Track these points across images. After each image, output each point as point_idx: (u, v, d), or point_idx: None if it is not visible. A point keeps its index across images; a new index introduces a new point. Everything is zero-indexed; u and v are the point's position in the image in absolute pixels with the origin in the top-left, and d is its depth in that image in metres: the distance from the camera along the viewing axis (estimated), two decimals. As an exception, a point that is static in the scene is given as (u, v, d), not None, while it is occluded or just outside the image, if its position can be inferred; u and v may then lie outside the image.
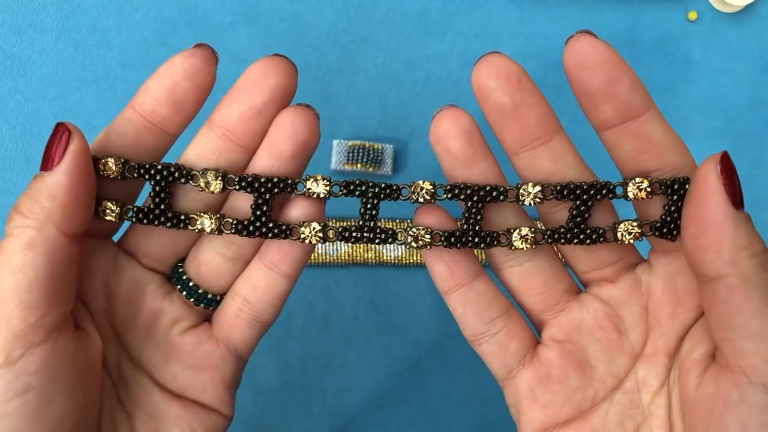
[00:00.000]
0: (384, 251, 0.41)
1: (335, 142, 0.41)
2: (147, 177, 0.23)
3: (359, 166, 0.40)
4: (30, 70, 0.41)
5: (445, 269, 0.24)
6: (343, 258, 0.41)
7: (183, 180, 0.23)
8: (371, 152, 0.40)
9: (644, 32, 0.43)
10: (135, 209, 0.23)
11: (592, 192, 0.23)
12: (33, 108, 0.41)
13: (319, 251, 0.41)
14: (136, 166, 0.23)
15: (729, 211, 0.20)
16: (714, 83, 0.43)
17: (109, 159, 0.23)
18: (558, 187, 0.23)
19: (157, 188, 0.23)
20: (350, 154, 0.40)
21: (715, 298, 0.21)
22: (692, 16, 0.43)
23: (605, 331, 0.25)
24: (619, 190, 0.23)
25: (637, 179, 0.23)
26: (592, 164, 0.24)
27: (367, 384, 0.41)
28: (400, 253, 0.41)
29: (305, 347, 0.41)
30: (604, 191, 0.23)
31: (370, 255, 0.41)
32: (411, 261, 0.41)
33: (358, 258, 0.41)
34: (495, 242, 0.23)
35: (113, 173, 0.23)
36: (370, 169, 0.40)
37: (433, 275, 0.25)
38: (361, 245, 0.41)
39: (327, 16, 0.42)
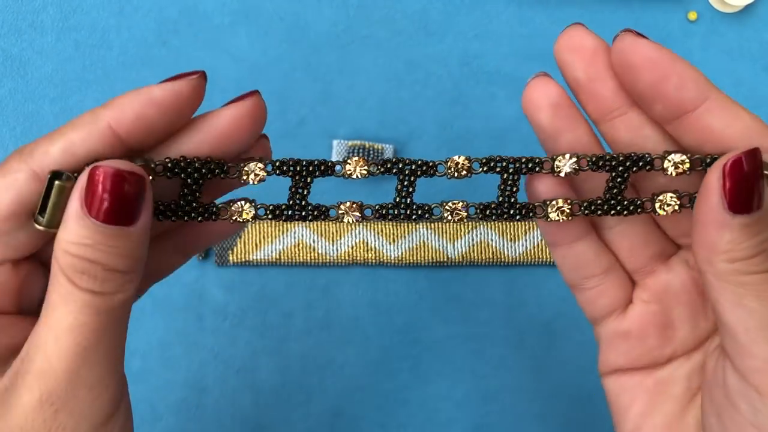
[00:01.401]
0: (384, 251, 0.41)
1: (335, 142, 0.41)
2: (182, 174, 0.22)
3: (359, 166, 0.40)
4: (30, 70, 0.41)
5: (547, 228, 0.25)
6: (343, 258, 0.41)
7: (222, 174, 0.23)
8: (371, 152, 0.40)
9: (644, 32, 0.43)
10: (161, 206, 0.23)
11: (627, 164, 0.23)
12: (33, 108, 0.41)
13: (319, 251, 0.41)
14: (170, 165, 0.22)
15: (716, 215, 0.20)
16: (714, 83, 0.43)
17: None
18: (593, 159, 0.23)
19: (191, 183, 0.23)
20: (350, 154, 0.40)
21: (704, 286, 0.22)
22: (692, 16, 0.43)
23: (690, 295, 0.25)
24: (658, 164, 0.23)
25: (676, 155, 0.22)
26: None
27: (367, 384, 0.41)
28: (400, 253, 0.41)
29: (305, 347, 0.41)
30: (640, 163, 0.23)
31: (370, 255, 0.41)
32: (411, 261, 0.41)
33: (358, 258, 0.41)
34: (530, 214, 0.23)
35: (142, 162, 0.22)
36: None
37: (541, 230, 0.26)
38: (362, 245, 0.41)
39: (327, 16, 0.42)
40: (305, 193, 0.23)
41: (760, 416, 0.21)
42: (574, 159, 0.23)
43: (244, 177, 0.23)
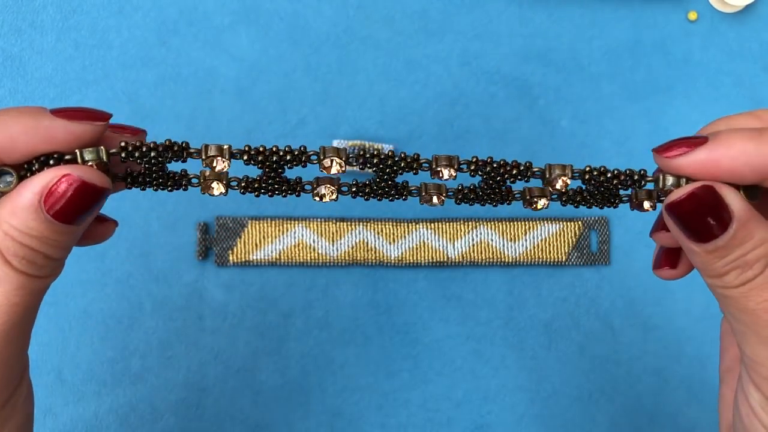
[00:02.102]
0: (384, 251, 0.41)
1: (335, 142, 0.41)
2: (143, 159, 0.22)
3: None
4: (30, 70, 0.41)
5: None
6: (343, 258, 0.41)
7: (182, 159, 0.23)
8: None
9: (644, 32, 0.43)
10: (132, 175, 0.23)
11: (615, 182, 0.23)
12: (33, 108, 0.40)
13: (319, 251, 0.41)
14: (125, 154, 0.22)
15: (684, 243, 0.22)
16: (714, 83, 0.43)
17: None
18: (581, 173, 0.23)
19: (152, 164, 0.23)
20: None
21: None
22: (692, 16, 0.43)
23: None
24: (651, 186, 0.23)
25: (669, 178, 0.22)
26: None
27: (367, 384, 0.41)
28: (400, 253, 0.41)
29: (305, 347, 0.41)
30: (627, 181, 0.23)
31: (370, 255, 0.41)
32: (411, 261, 0.41)
33: (358, 258, 0.41)
34: (507, 201, 0.24)
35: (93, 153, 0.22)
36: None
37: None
38: (362, 245, 0.41)
39: (327, 16, 0.42)
40: (280, 171, 0.23)
41: (748, 394, 0.23)
42: (561, 172, 0.23)
43: (209, 164, 0.23)
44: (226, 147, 0.23)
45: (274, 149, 0.23)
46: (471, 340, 0.41)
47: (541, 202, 0.24)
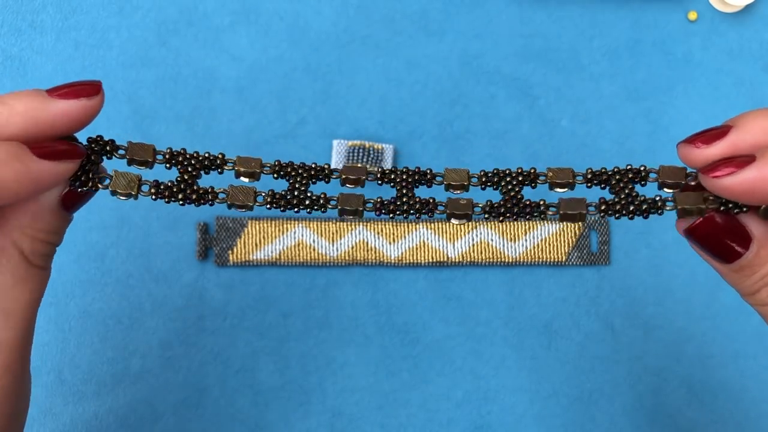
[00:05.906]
0: (384, 251, 0.41)
1: (335, 142, 0.41)
2: (176, 165, 0.23)
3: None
4: (30, 70, 0.41)
5: None
6: (343, 258, 0.41)
7: (218, 170, 0.23)
8: (371, 152, 0.40)
9: (644, 32, 0.43)
10: (157, 186, 0.23)
11: (618, 177, 0.23)
12: (33, 108, 0.40)
13: (319, 251, 0.41)
14: (168, 155, 0.23)
15: (712, 263, 0.22)
16: (714, 83, 0.43)
17: (144, 145, 0.23)
18: (588, 175, 0.23)
19: (185, 176, 0.23)
20: (350, 154, 0.40)
21: None
22: (692, 16, 0.43)
23: None
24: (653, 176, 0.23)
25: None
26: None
27: (367, 384, 0.41)
28: (400, 253, 0.41)
29: (305, 347, 0.41)
30: (632, 176, 0.23)
31: (370, 255, 0.41)
32: (411, 261, 0.41)
33: (358, 258, 0.41)
34: (540, 215, 0.23)
35: (141, 157, 0.23)
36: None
37: None
38: (362, 245, 0.41)
39: (327, 16, 0.42)
40: (303, 189, 0.24)
41: None
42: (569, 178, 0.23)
43: (241, 176, 0.23)
44: (252, 159, 0.23)
45: (294, 170, 0.23)
46: (471, 340, 0.41)
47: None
